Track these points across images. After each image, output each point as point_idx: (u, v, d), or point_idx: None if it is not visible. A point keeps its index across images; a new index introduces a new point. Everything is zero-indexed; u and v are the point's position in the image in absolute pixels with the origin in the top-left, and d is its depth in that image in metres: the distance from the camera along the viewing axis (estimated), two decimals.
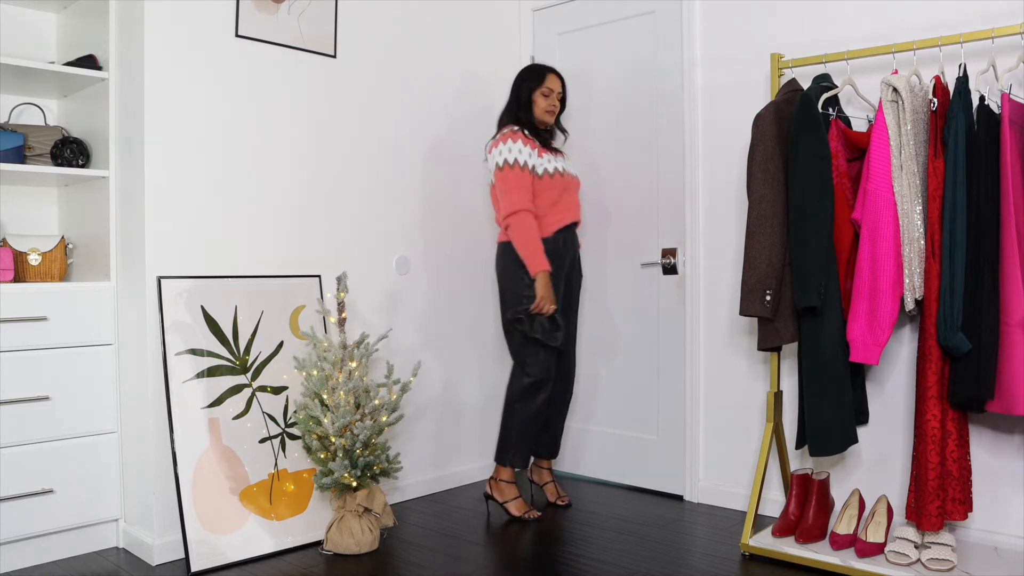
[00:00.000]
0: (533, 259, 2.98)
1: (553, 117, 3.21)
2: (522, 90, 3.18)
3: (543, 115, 3.17)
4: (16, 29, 3.05)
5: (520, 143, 3.05)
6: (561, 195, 3.14)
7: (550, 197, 3.10)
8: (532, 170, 3.07)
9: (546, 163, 3.11)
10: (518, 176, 3.01)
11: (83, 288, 2.83)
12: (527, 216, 3.00)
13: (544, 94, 3.16)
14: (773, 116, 2.65)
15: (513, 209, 3.00)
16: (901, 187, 2.48)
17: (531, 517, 3.14)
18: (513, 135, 3.07)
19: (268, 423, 2.90)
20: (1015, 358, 2.31)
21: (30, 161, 2.89)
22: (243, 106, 2.97)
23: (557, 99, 3.20)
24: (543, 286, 2.99)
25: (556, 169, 3.12)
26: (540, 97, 3.16)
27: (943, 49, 2.74)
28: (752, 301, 2.63)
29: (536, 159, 3.08)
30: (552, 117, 3.21)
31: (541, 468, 3.42)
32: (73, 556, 2.81)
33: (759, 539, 2.75)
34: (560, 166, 3.16)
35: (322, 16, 3.17)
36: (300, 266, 3.14)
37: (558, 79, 3.22)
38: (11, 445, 2.66)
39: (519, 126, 3.14)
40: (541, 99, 3.16)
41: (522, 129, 3.12)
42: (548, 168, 3.11)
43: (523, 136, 3.08)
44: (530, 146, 3.07)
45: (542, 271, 2.98)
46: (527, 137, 3.09)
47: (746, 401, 3.26)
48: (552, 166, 3.12)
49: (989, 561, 2.53)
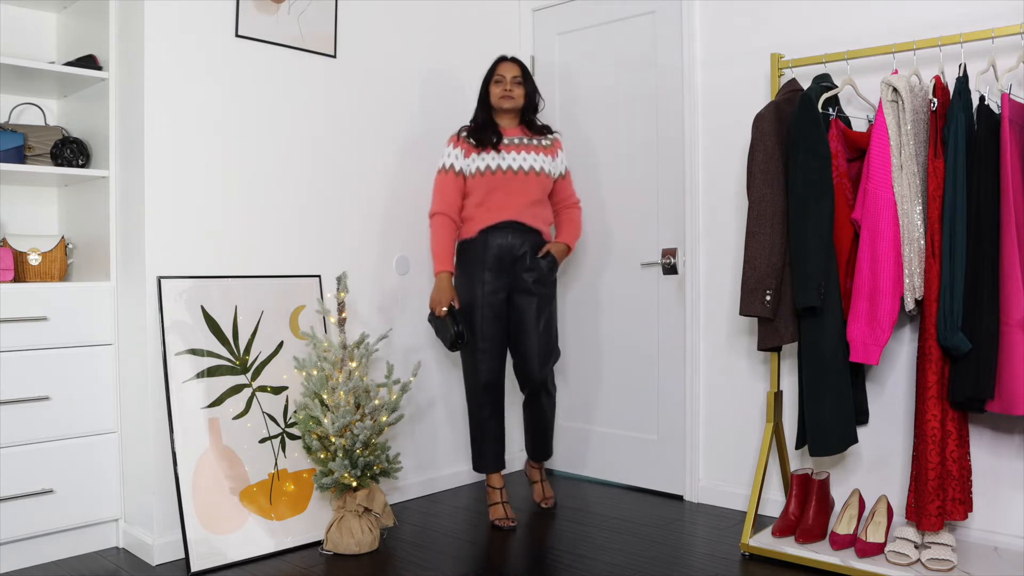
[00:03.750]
0: (434, 260, 3.08)
1: (512, 103, 3.11)
2: (482, 86, 3.19)
3: (498, 102, 3.12)
4: (16, 29, 3.05)
5: (451, 147, 3.12)
6: (489, 194, 3.05)
7: (475, 197, 3.08)
8: (459, 172, 3.10)
9: (476, 162, 3.07)
10: (440, 180, 3.12)
11: (83, 288, 2.83)
12: (437, 219, 3.09)
13: (496, 81, 3.13)
14: (773, 116, 2.65)
15: (430, 212, 3.13)
16: (901, 187, 2.48)
17: (503, 525, 3.07)
18: (451, 139, 3.14)
19: (268, 423, 2.90)
20: (1015, 358, 2.31)
21: (30, 161, 2.89)
22: (243, 106, 2.97)
23: (513, 83, 3.11)
24: (436, 287, 3.05)
25: (488, 167, 3.05)
26: (493, 86, 3.14)
27: (943, 49, 2.74)
28: (752, 301, 2.63)
29: (463, 161, 3.09)
30: (510, 103, 3.10)
31: (532, 467, 3.42)
32: (73, 556, 2.81)
33: (759, 539, 2.75)
34: (496, 163, 3.05)
35: (322, 16, 3.17)
36: (300, 266, 3.14)
37: (513, 65, 3.15)
38: (11, 445, 2.66)
39: (467, 127, 3.17)
40: (494, 87, 3.13)
41: (461, 131, 3.15)
42: (479, 166, 3.06)
43: (456, 139, 3.13)
44: (461, 148, 3.10)
45: (439, 272, 3.06)
46: (460, 140, 3.12)
47: (746, 401, 3.26)
48: (484, 164, 3.06)
49: (989, 561, 2.53)
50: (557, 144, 3.22)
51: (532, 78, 3.21)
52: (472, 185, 3.09)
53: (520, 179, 3.08)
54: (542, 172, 3.11)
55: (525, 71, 3.18)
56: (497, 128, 3.14)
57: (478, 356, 3.10)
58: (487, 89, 3.16)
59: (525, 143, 3.13)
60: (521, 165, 3.08)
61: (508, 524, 3.07)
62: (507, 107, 3.11)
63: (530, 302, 3.11)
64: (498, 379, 3.15)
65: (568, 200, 3.29)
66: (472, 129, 3.14)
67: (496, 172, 3.06)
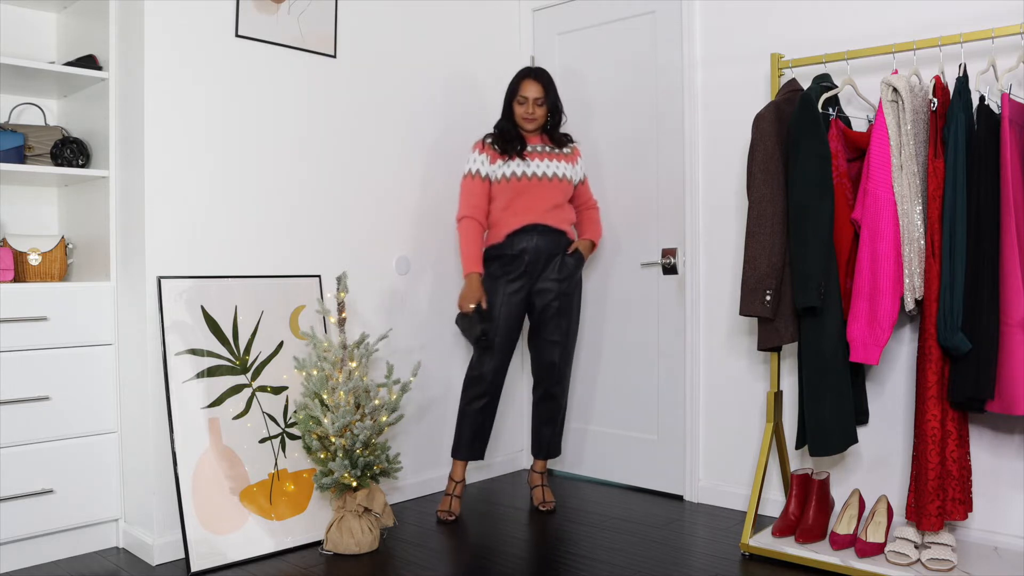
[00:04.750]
0: (463, 262, 3.18)
1: (534, 124, 3.21)
2: (506, 99, 3.28)
3: (521, 122, 3.23)
4: (16, 29, 3.05)
5: (477, 152, 3.23)
6: (514, 199, 3.17)
7: (501, 202, 3.20)
8: (485, 177, 3.21)
9: (502, 168, 3.18)
10: (467, 184, 3.22)
11: (83, 288, 2.83)
12: (466, 222, 3.19)
13: (519, 102, 3.22)
14: (773, 116, 2.65)
15: (457, 216, 3.22)
16: (901, 187, 2.48)
17: (443, 517, 3.17)
18: (476, 145, 3.25)
19: (268, 423, 2.90)
20: (1015, 358, 2.31)
21: (30, 161, 2.89)
22: (243, 106, 2.97)
23: (535, 105, 3.19)
24: (466, 286, 3.16)
25: (513, 173, 3.17)
26: (516, 105, 3.23)
27: (943, 49, 2.74)
28: (752, 301, 2.63)
29: (489, 166, 3.20)
30: (532, 124, 3.21)
31: (533, 471, 3.43)
32: (73, 556, 2.81)
33: (759, 539, 2.75)
34: (522, 170, 3.17)
35: (322, 16, 3.17)
36: (300, 266, 3.14)
37: (535, 85, 3.19)
38: (11, 445, 2.66)
39: (492, 134, 3.26)
40: (518, 107, 3.23)
41: (486, 138, 3.26)
42: (505, 173, 3.18)
43: (482, 145, 3.24)
44: (487, 154, 3.21)
45: (469, 273, 3.16)
46: (486, 146, 3.23)
47: (746, 401, 3.26)
48: (509, 171, 3.17)
49: (989, 561, 2.53)
50: (576, 152, 3.35)
51: (555, 90, 3.28)
52: (497, 190, 3.21)
53: (544, 185, 3.20)
54: (564, 178, 3.24)
55: (548, 87, 3.23)
56: (522, 137, 3.25)
57: (486, 353, 3.20)
58: (510, 104, 3.24)
59: (548, 151, 3.26)
60: (545, 172, 3.20)
61: (448, 517, 3.17)
62: (529, 128, 3.23)
63: (553, 303, 3.24)
64: (498, 378, 3.23)
65: (588, 203, 3.43)
66: (497, 136, 3.24)
67: (522, 179, 3.18)
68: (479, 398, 3.21)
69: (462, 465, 3.28)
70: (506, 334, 3.20)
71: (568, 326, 3.27)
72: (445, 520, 3.16)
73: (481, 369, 3.20)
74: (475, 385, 3.21)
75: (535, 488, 3.39)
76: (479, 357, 3.21)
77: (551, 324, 3.25)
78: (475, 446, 3.26)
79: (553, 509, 3.31)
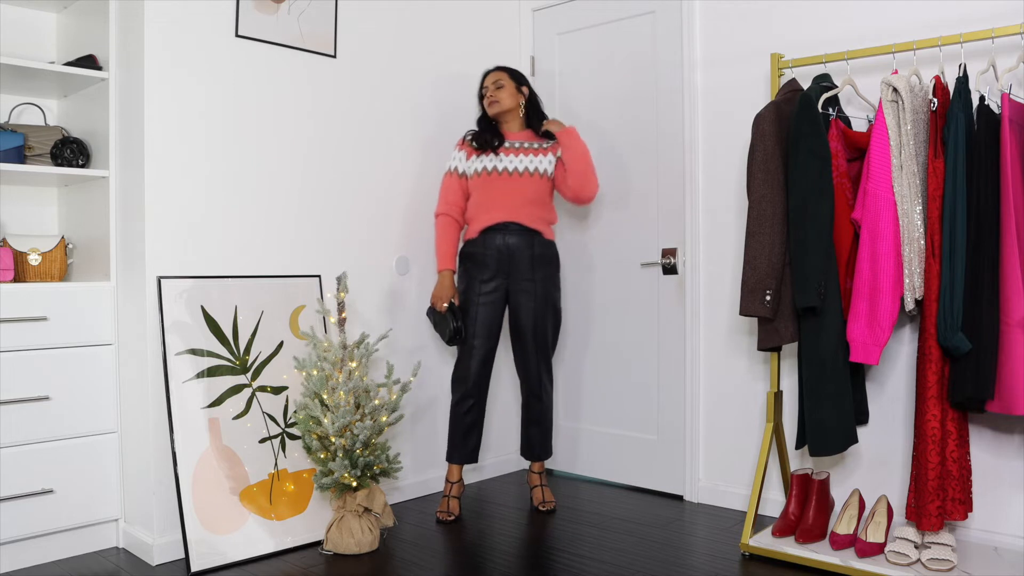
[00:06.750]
0: (437, 258, 3.25)
1: (496, 106, 3.23)
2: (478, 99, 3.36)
3: (488, 109, 3.27)
4: (16, 29, 3.05)
5: (456, 149, 3.29)
6: (486, 194, 3.19)
7: (476, 198, 3.23)
8: (463, 174, 3.26)
9: (475, 164, 3.21)
10: (445, 181, 3.28)
11: (83, 288, 2.83)
12: (441, 219, 3.26)
13: (482, 95, 3.30)
14: (773, 116, 2.65)
15: (435, 213, 3.33)
16: (901, 187, 2.48)
17: (441, 518, 3.17)
18: (457, 143, 3.32)
19: (268, 423, 2.90)
20: (1015, 358, 2.31)
21: (30, 161, 2.89)
22: (243, 106, 2.97)
23: (494, 88, 3.24)
24: (437, 284, 3.21)
25: (484, 168, 3.19)
26: (484, 101, 3.30)
27: (943, 49, 2.74)
28: (752, 301, 2.63)
29: (464, 163, 3.25)
30: (495, 107, 3.23)
31: (532, 472, 3.43)
32: (73, 556, 2.81)
33: (759, 539, 2.75)
34: (493, 165, 3.18)
35: (322, 16, 3.17)
36: (300, 266, 3.14)
37: (493, 73, 3.28)
38: (11, 445, 2.66)
39: (472, 131, 3.31)
40: (484, 102, 3.29)
41: (466, 135, 3.31)
42: (477, 168, 3.21)
43: (461, 142, 3.30)
44: (465, 150, 3.27)
45: (441, 270, 3.22)
46: (464, 143, 3.29)
47: (746, 401, 3.26)
48: (481, 166, 3.20)
49: (989, 561, 2.53)
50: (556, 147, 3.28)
51: (519, 74, 3.31)
52: (472, 186, 3.24)
53: (515, 180, 3.19)
54: (536, 173, 3.21)
55: (508, 71, 3.29)
56: (499, 132, 3.28)
57: (466, 352, 3.20)
58: (481, 101, 3.33)
59: (526, 147, 3.24)
60: (516, 167, 3.19)
61: (447, 518, 3.17)
62: (494, 112, 3.26)
63: (528, 301, 3.21)
64: (482, 377, 3.23)
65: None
66: (476, 133, 3.27)
67: (492, 173, 3.19)
68: (464, 399, 3.22)
69: (457, 468, 3.29)
70: (485, 335, 3.19)
71: (545, 328, 3.24)
72: (445, 520, 3.16)
73: (464, 370, 3.21)
74: (459, 385, 3.23)
75: (535, 488, 3.39)
76: (461, 357, 3.23)
77: (527, 328, 3.22)
78: (467, 449, 3.26)
79: (553, 509, 3.31)
